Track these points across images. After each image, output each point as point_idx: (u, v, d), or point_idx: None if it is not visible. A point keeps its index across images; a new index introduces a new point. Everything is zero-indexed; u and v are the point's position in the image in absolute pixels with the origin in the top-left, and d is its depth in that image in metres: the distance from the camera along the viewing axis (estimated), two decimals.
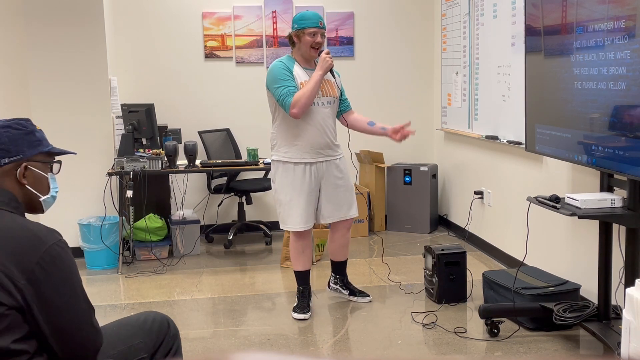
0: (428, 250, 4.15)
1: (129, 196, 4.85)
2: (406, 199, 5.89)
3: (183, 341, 2.32)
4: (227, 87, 5.93)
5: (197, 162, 5.02)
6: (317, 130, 3.77)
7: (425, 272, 4.19)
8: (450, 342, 3.45)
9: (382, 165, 5.92)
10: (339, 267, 4.19)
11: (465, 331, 3.60)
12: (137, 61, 5.77)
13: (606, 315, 3.23)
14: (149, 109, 4.97)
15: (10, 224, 1.72)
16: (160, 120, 5.38)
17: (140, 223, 5.10)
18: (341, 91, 3.97)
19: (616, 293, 3.32)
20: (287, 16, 5.91)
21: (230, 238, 5.51)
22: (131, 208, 5.02)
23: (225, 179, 5.55)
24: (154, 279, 4.70)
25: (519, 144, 4.31)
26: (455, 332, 3.58)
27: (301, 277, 3.99)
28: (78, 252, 5.07)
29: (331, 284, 4.24)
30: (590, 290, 3.61)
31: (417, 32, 6.18)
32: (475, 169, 5.31)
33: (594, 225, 3.50)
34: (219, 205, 5.94)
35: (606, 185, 3.24)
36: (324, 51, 3.74)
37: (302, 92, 3.64)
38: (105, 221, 4.93)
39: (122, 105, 5.11)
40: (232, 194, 5.68)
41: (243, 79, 5.93)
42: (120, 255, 4.95)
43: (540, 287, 3.61)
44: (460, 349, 3.37)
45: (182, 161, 5.07)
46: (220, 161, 5.12)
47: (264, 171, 5.76)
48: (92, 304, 1.80)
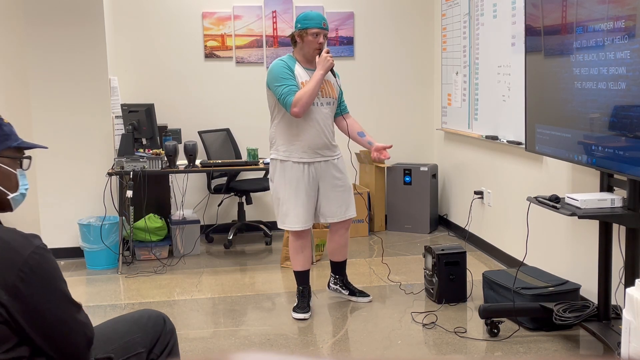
0: (428, 250, 4.15)
1: (129, 196, 4.85)
2: (406, 199, 5.90)
3: (183, 341, 2.33)
4: (227, 87, 5.93)
5: (197, 162, 5.02)
6: (316, 131, 3.77)
7: (425, 272, 4.19)
8: (450, 342, 3.45)
9: (382, 165, 5.92)
10: (338, 268, 4.20)
11: (465, 331, 3.60)
12: (137, 61, 5.77)
13: (606, 315, 3.23)
14: (149, 109, 4.97)
15: None
16: (160, 120, 5.38)
17: (140, 223, 5.10)
18: (340, 93, 3.96)
19: (616, 293, 3.32)
20: (287, 16, 5.91)
21: (230, 238, 5.51)
22: (131, 208, 5.02)
23: (225, 179, 5.55)
24: (154, 279, 4.70)
25: (519, 144, 4.31)
26: (455, 332, 3.58)
27: (301, 277, 3.99)
28: (78, 252, 5.08)
29: (331, 285, 4.24)
30: (590, 290, 3.61)
31: (417, 32, 6.18)
32: (475, 169, 5.31)
33: (594, 225, 3.50)
34: (219, 205, 5.94)
35: (606, 185, 3.24)
36: (324, 50, 3.74)
37: (304, 92, 3.64)
38: (105, 221, 4.93)
39: (122, 105, 5.11)
40: (232, 194, 5.68)
41: (243, 79, 5.93)
42: (120, 255, 4.95)
43: (540, 287, 3.61)
44: (460, 349, 3.37)
45: (182, 161, 5.07)
46: (220, 161, 5.12)
47: (263, 171, 5.76)
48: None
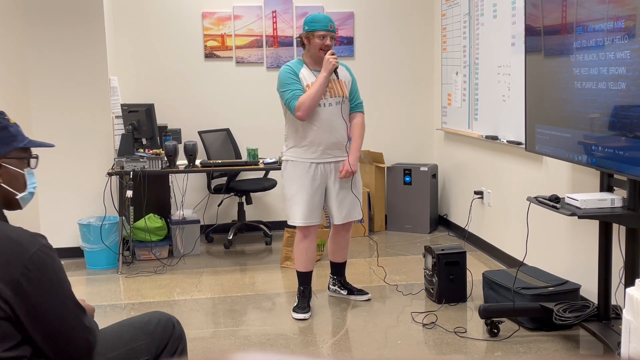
0: (428, 250, 4.15)
1: (129, 196, 4.85)
2: (406, 199, 5.89)
3: None
4: (227, 87, 5.93)
5: (197, 162, 5.02)
6: (324, 131, 3.80)
7: (425, 272, 4.19)
8: (450, 342, 3.45)
9: (382, 165, 5.92)
10: (338, 269, 4.21)
11: (465, 331, 3.60)
12: (137, 61, 5.77)
13: (606, 315, 3.23)
14: (149, 109, 4.97)
15: None
16: (160, 120, 5.38)
17: (140, 223, 5.10)
18: (350, 91, 3.95)
19: (616, 293, 3.32)
20: (287, 16, 5.91)
21: (230, 238, 5.51)
22: (131, 208, 5.02)
23: (225, 179, 5.55)
24: (154, 279, 4.70)
25: (519, 144, 4.31)
26: (455, 332, 3.58)
27: (303, 278, 3.99)
28: (78, 252, 5.08)
29: (330, 286, 4.25)
30: (590, 290, 3.61)
31: (417, 32, 6.18)
32: (475, 169, 5.31)
33: (594, 225, 3.50)
34: (219, 205, 5.94)
35: (606, 185, 3.24)
36: (328, 52, 3.75)
37: (306, 95, 3.69)
38: (105, 221, 4.93)
39: (122, 105, 5.11)
40: (232, 194, 5.68)
41: (243, 79, 5.93)
42: (120, 255, 4.95)
43: (540, 287, 3.61)
44: (460, 349, 3.37)
45: (182, 161, 5.07)
46: (220, 161, 5.12)
47: (264, 171, 5.77)
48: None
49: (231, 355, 0.61)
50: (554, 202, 3.13)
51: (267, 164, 5.06)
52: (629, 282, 2.94)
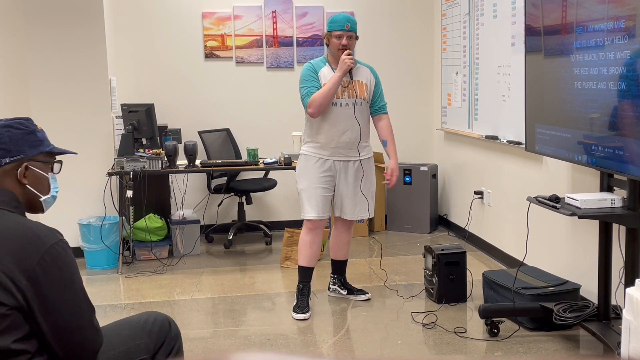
0: (428, 250, 4.15)
1: (129, 196, 4.85)
2: (406, 199, 5.90)
3: (183, 341, 2.32)
4: (227, 87, 5.93)
5: (197, 162, 5.02)
6: (337, 130, 3.84)
7: (425, 272, 4.19)
8: (450, 342, 3.45)
9: (382, 165, 5.92)
10: (339, 267, 4.21)
11: (465, 331, 3.60)
12: (137, 61, 5.77)
13: (606, 315, 3.23)
14: (149, 109, 4.97)
15: (11, 223, 1.72)
16: (160, 120, 5.38)
17: (140, 223, 5.10)
18: (374, 94, 3.97)
19: (616, 293, 3.32)
20: (287, 16, 5.91)
21: (230, 238, 5.51)
22: (131, 208, 5.02)
23: (225, 179, 5.55)
24: (154, 279, 4.70)
25: (519, 144, 4.31)
26: (455, 332, 3.58)
27: (304, 273, 4.00)
28: (78, 252, 5.07)
29: (330, 286, 4.26)
30: (590, 290, 3.61)
31: (417, 32, 6.18)
32: (475, 169, 5.31)
33: (594, 225, 3.50)
34: (219, 205, 5.94)
35: (606, 185, 3.24)
36: (345, 52, 3.77)
37: (318, 93, 3.75)
38: (105, 221, 4.93)
39: (122, 105, 5.11)
40: (232, 194, 5.68)
41: (243, 79, 5.93)
42: (120, 255, 4.95)
43: (540, 287, 3.61)
44: (460, 349, 3.37)
45: (182, 161, 5.07)
46: (220, 161, 5.12)
47: (264, 171, 5.77)
48: (92, 304, 1.80)
49: (231, 355, 0.61)
50: (554, 202, 3.13)
51: (267, 164, 5.06)
52: (629, 282, 2.94)
